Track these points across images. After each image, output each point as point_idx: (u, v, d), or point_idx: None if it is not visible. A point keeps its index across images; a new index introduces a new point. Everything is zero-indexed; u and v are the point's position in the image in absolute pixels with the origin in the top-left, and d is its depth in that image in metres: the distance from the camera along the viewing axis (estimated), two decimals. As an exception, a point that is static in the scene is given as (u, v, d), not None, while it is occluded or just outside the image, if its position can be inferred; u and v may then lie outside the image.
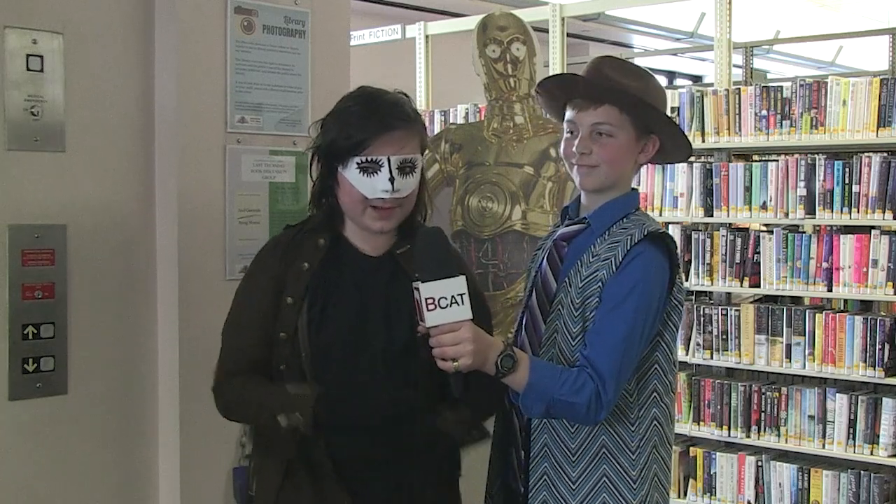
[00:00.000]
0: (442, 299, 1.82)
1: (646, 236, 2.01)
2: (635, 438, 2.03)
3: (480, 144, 3.35)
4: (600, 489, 2.02)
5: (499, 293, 3.27)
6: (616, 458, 2.03)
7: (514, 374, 1.90)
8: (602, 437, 2.03)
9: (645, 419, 2.04)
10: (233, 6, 2.61)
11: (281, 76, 2.70)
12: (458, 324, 1.83)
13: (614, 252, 2.01)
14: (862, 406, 4.39)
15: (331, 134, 1.99)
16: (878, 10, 10.00)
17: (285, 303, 2.00)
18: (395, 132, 1.96)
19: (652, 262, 2.00)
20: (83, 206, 2.45)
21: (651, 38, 10.50)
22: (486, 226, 3.27)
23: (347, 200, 2.01)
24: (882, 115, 4.37)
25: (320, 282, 2.02)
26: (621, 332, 1.95)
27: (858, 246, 4.39)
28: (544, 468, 2.06)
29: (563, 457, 2.04)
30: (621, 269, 1.98)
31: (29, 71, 2.36)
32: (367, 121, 1.96)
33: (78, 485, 2.46)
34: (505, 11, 3.55)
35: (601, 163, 2.07)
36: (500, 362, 1.88)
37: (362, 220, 2.01)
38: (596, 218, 2.10)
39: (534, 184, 3.27)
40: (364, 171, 1.95)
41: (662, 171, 4.98)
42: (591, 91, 2.08)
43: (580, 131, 2.08)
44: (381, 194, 1.96)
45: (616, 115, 2.06)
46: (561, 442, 2.04)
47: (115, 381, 2.52)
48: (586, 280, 2.02)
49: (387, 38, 6.80)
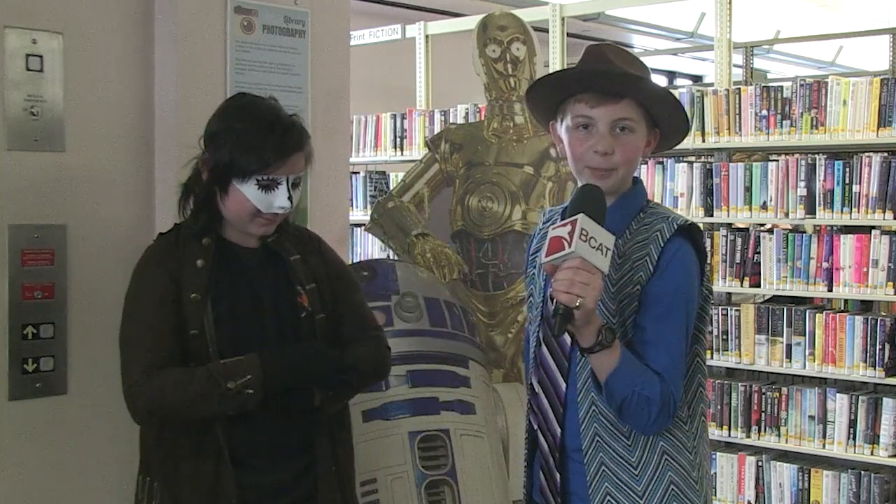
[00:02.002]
0: (593, 240, 1.77)
1: (676, 231, 1.91)
2: (690, 438, 1.95)
3: (480, 144, 3.35)
4: (670, 498, 1.92)
5: (499, 293, 3.27)
6: (679, 462, 1.93)
7: (608, 351, 1.81)
8: (661, 444, 1.92)
9: (695, 416, 1.98)
10: (233, 6, 2.61)
11: (281, 76, 2.70)
12: (596, 269, 1.77)
13: (647, 251, 1.90)
14: (862, 406, 4.39)
15: (231, 152, 2.07)
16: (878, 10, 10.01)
17: (189, 299, 2.07)
18: (295, 154, 2.10)
19: (688, 259, 1.93)
20: (83, 206, 2.45)
21: (651, 38, 10.50)
22: (486, 226, 3.27)
23: (236, 210, 2.10)
24: (882, 115, 4.36)
25: (217, 277, 2.11)
26: (676, 336, 1.88)
27: (858, 246, 4.39)
28: (606, 488, 1.93)
29: (624, 472, 1.92)
30: (661, 270, 1.89)
31: (29, 71, 2.36)
32: (269, 144, 2.06)
33: (78, 485, 2.46)
34: (505, 11, 3.55)
35: (620, 165, 1.93)
36: (604, 332, 1.80)
37: (247, 227, 2.13)
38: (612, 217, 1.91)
39: (534, 184, 3.27)
40: (263, 189, 2.07)
41: (662, 171, 4.97)
42: (612, 82, 1.92)
43: (597, 128, 1.92)
44: (277, 210, 2.09)
45: (634, 108, 1.93)
46: (620, 458, 1.93)
47: (115, 381, 2.50)
48: (619, 284, 1.92)
49: (387, 38, 6.80)
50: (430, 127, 5.89)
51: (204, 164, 2.11)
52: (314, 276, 2.21)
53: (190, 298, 2.07)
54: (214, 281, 2.10)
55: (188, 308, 2.07)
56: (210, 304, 2.08)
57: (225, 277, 2.12)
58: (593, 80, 1.94)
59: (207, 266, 2.10)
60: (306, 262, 2.22)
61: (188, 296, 2.07)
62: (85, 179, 2.45)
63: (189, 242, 2.13)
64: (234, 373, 2.02)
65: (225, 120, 2.12)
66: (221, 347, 2.07)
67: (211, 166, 2.09)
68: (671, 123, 2.01)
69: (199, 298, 2.07)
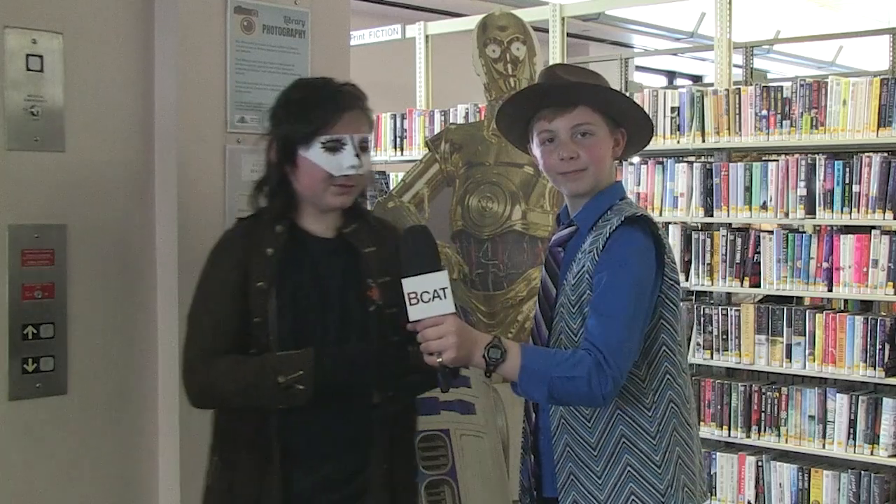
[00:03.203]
0: (424, 293, 1.85)
1: (623, 222, 2.01)
2: (653, 423, 2.02)
3: (480, 144, 3.35)
4: (626, 479, 2.01)
5: (499, 293, 3.27)
6: (637, 446, 2.02)
7: (504, 364, 1.90)
8: (620, 427, 2.02)
9: (661, 403, 2.04)
10: (233, 6, 2.61)
11: (281, 76, 2.70)
12: (441, 317, 1.86)
13: (596, 243, 2.02)
14: (862, 406, 4.39)
15: (290, 120, 2.09)
16: (878, 10, 10.01)
17: (255, 287, 2.06)
18: (354, 111, 2.10)
19: (631, 241, 2.00)
20: (83, 206, 2.45)
21: (651, 38, 10.50)
22: (486, 226, 3.27)
23: (308, 181, 2.09)
24: (882, 114, 4.37)
25: (284, 267, 2.10)
26: (615, 307, 1.95)
27: (858, 246, 4.39)
28: (569, 468, 2.06)
29: (584, 453, 2.04)
30: (602, 254, 2.00)
31: (29, 71, 2.36)
32: (329, 102, 2.08)
33: (78, 485, 2.46)
34: (505, 11, 3.55)
35: (589, 164, 2.07)
36: (488, 354, 1.89)
37: (323, 197, 2.10)
38: (581, 218, 2.12)
39: (534, 184, 3.27)
40: (329, 150, 2.06)
41: (662, 171, 4.98)
42: (563, 94, 2.07)
43: (559, 137, 2.08)
44: (348, 171, 2.07)
45: (590, 113, 2.07)
46: (581, 438, 2.04)
47: (115, 381, 2.52)
48: (577, 276, 2.04)
49: (387, 38, 6.81)
50: (430, 127, 5.90)
51: (270, 147, 2.13)
52: (389, 269, 2.10)
53: (256, 287, 2.06)
54: (281, 270, 2.08)
55: (253, 296, 2.06)
56: (275, 293, 2.07)
57: (292, 267, 2.10)
58: (546, 95, 2.10)
59: (276, 254, 2.09)
60: (382, 254, 2.16)
61: (254, 284, 2.06)
62: (85, 179, 2.45)
63: (263, 229, 2.12)
64: (287, 367, 2.00)
65: (281, 100, 2.14)
66: (282, 337, 2.05)
67: (275, 143, 2.11)
68: (632, 120, 2.14)
69: (265, 287, 2.06)
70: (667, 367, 2.05)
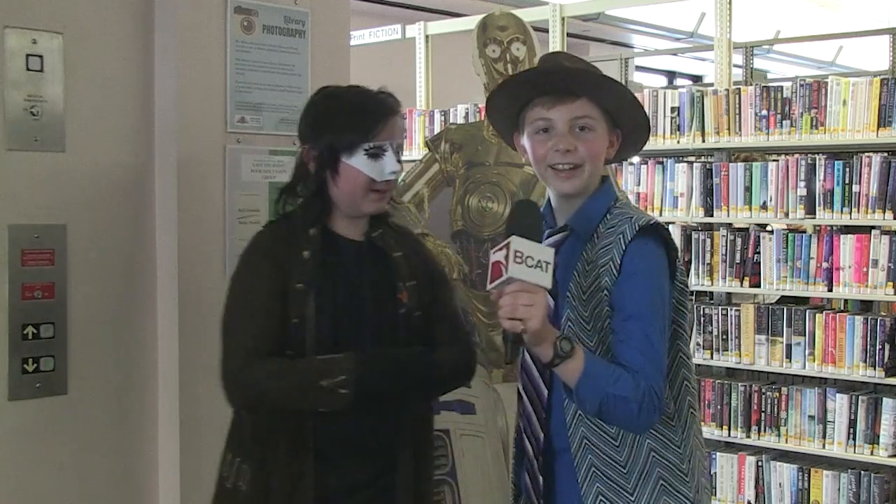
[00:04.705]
0: (529, 258, 1.77)
1: (638, 232, 1.90)
2: (678, 433, 1.96)
3: (480, 144, 3.35)
4: (660, 493, 1.93)
5: (499, 293, 3.26)
6: (666, 458, 1.94)
7: (570, 361, 1.79)
8: (647, 441, 1.94)
9: (682, 410, 1.98)
10: (233, 6, 2.61)
11: (281, 76, 2.70)
12: (537, 286, 1.77)
13: (611, 256, 1.90)
14: (862, 406, 4.39)
15: (334, 130, 2.11)
16: (878, 10, 10.01)
17: (294, 289, 2.08)
18: (394, 118, 2.15)
19: (652, 257, 1.92)
20: (83, 206, 2.45)
21: (651, 38, 10.51)
22: (486, 226, 3.27)
23: (350, 188, 2.12)
24: (882, 115, 4.37)
25: (321, 269, 2.11)
26: (649, 333, 1.86)
27: (858, 246, 4.39)
28: (597, 488, 1.94)
29: (613, 472, 1.94)
30: (624, 272, 1.89)
31: (29, 71, 2.36)
32: (368, 111, 2.12)
33: (78, 485, 2.46)
34: (505, 11, 3.54)
35: (585, 161, 1.94)
36: (560, 344, 1.79)
37: (361, 203, 2.14)
38: (578, 222, 1.99)
39: (534, 184, 3.27)
40: (372, 157, 2.10)
41: (662, 171, 4.98)
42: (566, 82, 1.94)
43: (556, 128, 1.94)
44: (389, 176, 2.12)
45: (592, 107, 1.95)
46: (608, 458, 1.94)
47: (115, 381, 2.52)
48: (589, 291, 1.92)
49: (387, 38, 6.80)
50: (430, 127, 5.90)
51: (308, 156, 2.15)
52: (414, 273, 2.21)
53: (295, 288, 2.08)
54: (318, 272, 2.11)
55: (292, 297, 2.07)
56: (313, 295, 2.09)
57: (328, 269, 2.13)
58: (547, 80, 1.95)
59: (314, 256, 2.11)
60: (408, 259, 2.22)
61: (294, 285, 2.08)
62: (85, 179, 2.45)
63: (296, 232, 2.14)
64: (330, 371, 2.02)
65: (319, 109, 2.18)
66: (319, 338, 2.07)
67: (317, 153, 2.12)
68: (632, 122, 2.02)
69: (304, 289, 2.08)
70: (684, 374, 1.99)
